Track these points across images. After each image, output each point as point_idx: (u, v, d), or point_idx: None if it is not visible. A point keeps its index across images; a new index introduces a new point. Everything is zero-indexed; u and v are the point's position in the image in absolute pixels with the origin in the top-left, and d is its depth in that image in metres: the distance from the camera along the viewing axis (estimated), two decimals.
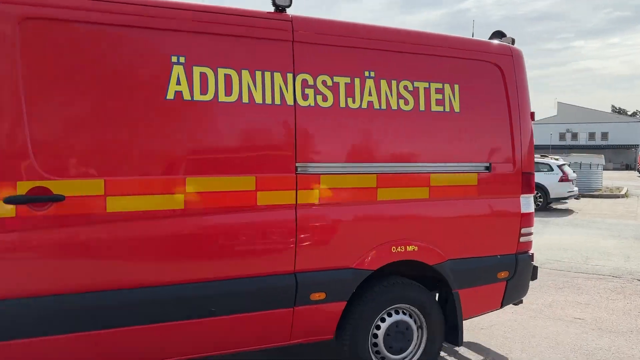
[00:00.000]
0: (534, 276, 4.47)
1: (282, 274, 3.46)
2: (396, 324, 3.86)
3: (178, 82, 3.17)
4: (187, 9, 3.23)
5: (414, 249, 3.84)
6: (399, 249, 3.78)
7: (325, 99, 3.56)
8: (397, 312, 3.90)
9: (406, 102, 3.82)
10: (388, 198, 3.76)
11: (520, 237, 4.26)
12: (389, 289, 3.83)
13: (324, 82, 3.56)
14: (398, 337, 3.87)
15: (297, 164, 3.47)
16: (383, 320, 3.84)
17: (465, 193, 4.04)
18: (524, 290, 4.44)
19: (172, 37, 3.19)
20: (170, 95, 3.15)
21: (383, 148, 3.78)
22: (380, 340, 3.82)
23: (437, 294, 4.26)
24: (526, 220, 4.28)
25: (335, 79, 3.60)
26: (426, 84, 3.89)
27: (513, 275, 4.26)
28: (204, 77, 3.23)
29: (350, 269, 3.65)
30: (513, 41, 4.42)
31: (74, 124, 2.98)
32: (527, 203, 4.29)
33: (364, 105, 3.68)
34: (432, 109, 3.91)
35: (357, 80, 3.66)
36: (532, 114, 4.35)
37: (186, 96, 3.19)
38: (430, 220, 3.94)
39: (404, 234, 3.82)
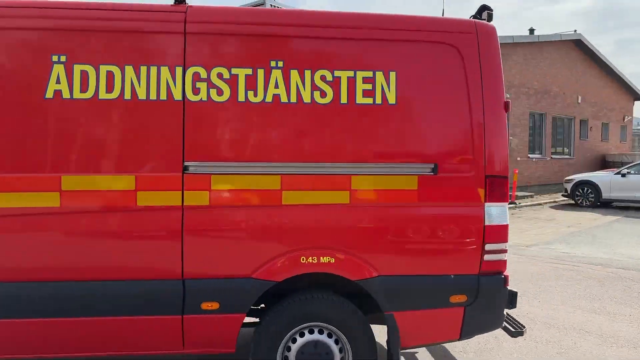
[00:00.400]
0: (510, 303, 3.62)
1: (168, 279, 3.28)
2: (310, 344, 3.41)
3: (58, 81, 3.18)
4: (68, 8, 3.23)
5: (329, 261, 3.35)
6: (309, 260, 3.34)
7: (220, 92, 3.29)
8: (321, 332, 3.45)
9: (323, 95, 3.36)
10: (296, 202, 3.34)
11: (485, 255, 3.47)
12: (301, 304, 3.40)
13: (219, 75, 3.29)
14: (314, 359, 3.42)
15: (185, 163, 3.26)
16: (302, 335, 3.43)
17: (400, 198, 3.42)
18: (494, 319, 3.61)
19: (53, 37, 3.21)
20: (49, 95, 3.18)
21: (290, 146, 3.36)
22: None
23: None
24: (493, 234, 3.47)
25: (234, 70, 3.30)
26: (350, 73, 3.38)
27: (474, 300, 3.49)
28: (84, 75, 3.20)
29: (249, 279, 3.32)
30: (489, 16, 3.64)
31: None
32: (496, 213, 3.48)
33: (269, 99, 3.32)
34: (358, 102, 3.38)
35: (260, 72, 3.32)
36: (506, 104, 3.52)
37: (65, 95, 3.19)
38: (353, 229, 3.40)
39: (318, 244, 3.36)
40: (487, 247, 3.47)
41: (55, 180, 3.17)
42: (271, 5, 20.14)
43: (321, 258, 3.35)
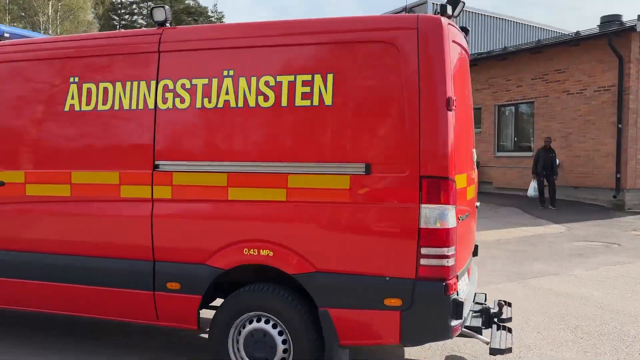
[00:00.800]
0: (455, 314, 3.35)
1: (143, 260, 3.90)
2: (255, 332, 3.69)
3: (72, 97, 4.08)
4: (76, 40, 4.14)
5: (268, 254, 3.60)
6: (251, 252, 3.63)
7: (182, 100, 3.81)
8: (275, 325, 3.69)
9: (266, 99, 3.63)
10: (239, 198, 3.67)
11: (421, 259, 3.31)
12: (244, 294, 3.71)
13: (182, 85, 3.81)
14: (259, 346, 3.68)
15: (155, 162, 3.86)
16: (250, 322, 3.74)
17: (333, 197, 3.47)
18: (436, 328, 3.38)
19: (70, 63, 4.12)
20: (66, 108, 4.10)
21: (235, 147, 3.71)
22: (241, 345, 3.74)
23: None
24: (430, 238, 3.30)
25: (194, 81, 3.79)
26: (291, 77, 3.58)
27: (410, 305, 3.35)
28: (89, 92, 4.04)
29: (204, 265, 3.75)
30: (442, 9, 3.45)
31: (5, 132, 4.27)
32: (434, 216, 3.29)
33: (220, 105, 3.72)
34: (297, 104, 3.56)
35: (214, 81, 3.74)
36: (449, 101, 3.30)
37: (76, 107, 4.07)
38: (289, 225, 3.57)
39: (259, 237, 3.63)
40: (423, 251, 3.31)
41: (67, 175, 4.06)
42: (433, 4, 19.66)
43: (261, 251, 3.61)
